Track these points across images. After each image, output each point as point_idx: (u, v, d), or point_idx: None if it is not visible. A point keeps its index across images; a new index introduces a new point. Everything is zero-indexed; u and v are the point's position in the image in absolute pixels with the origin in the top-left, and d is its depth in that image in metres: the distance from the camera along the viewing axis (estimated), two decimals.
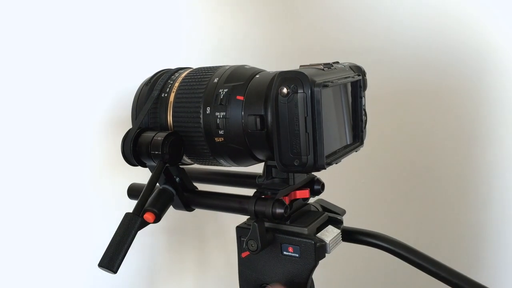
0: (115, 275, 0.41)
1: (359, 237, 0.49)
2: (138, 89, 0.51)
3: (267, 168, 0.45)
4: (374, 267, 1.00)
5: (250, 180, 0.51)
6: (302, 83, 0.37)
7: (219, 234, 0.81)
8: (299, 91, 0.37)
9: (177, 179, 0.50)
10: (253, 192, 0.45)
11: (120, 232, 0.41)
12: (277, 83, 0.38)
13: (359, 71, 0.47)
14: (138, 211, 0.43)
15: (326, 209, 0.50)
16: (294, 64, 0.45)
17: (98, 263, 0.41)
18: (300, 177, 0.47)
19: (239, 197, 0.47)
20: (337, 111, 0.43)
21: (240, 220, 0.48)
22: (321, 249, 0.43)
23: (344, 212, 0.51)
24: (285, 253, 0.44)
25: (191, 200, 0.50)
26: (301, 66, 0.43)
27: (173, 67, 0.53)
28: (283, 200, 0.44)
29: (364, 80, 0.47)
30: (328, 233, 0.45)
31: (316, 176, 0.50)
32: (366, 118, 0.48)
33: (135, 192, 0.53)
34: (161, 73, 0.51)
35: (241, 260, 0.47)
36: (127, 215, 0.42)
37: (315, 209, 0.50)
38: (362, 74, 0.47)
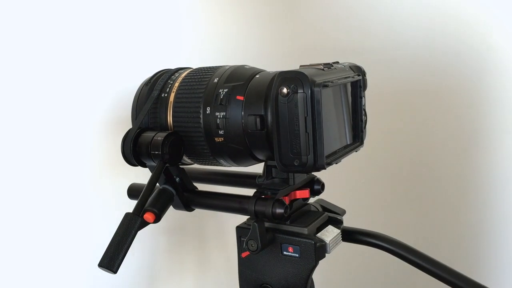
0: (115, 275, 0.41)
1: (359, 237, 0.49)
2: (138, 89, 0.51)
3: (267, 168, 0.45)
4: (374, 267, 1.00)
5: (250, 180, 0.51)
6: (302, 83, 0.37)
7: (219, 234, 0.81)
8: (299, 91, 0.37)
9: (177, 179, 0.50)
10: (253, 192, 0.45)
11: (120, 232, 0.41)
12: (277, 83, 0.38)
13: (359, 71, 0.47)
14: (138, 211, 0.43)
15: (326, 209, 0.50)
16: (294, 64, 0.45)
17: (98, 263, 0.41)
18: (300, 177, 0.47)
19: (239, 197, 0.47)
20: (337, 111, 0.43)
21: (240, 220, 0.48)
22: (321, 249, 0.43)
23: (344, 212, 0.51)
24: (285, 253, 0.44)
25: (191, 200, 0.50)
26: (301, 66, 0.43)
27: (173, 67, 0.53)
28: (283, 200, 0.44)
29: (364, 80, 0.47)
30: (328, 233, 0.45)
31: (316, 176, 0.50)
32: (366, 118, 0.48)
33: (135, 192, 0.53)
34: (161, 73, 0.51)
35: (241, 260, 0.47)
36: (127, 215, 0.42)
37: (315, 209, 0.50)
38: (362, 74, 0.47)
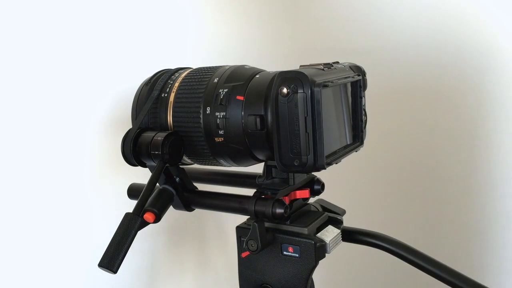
0: (115, 275, 0.41)
1: (359, 237, 0.49)
2: (138, 89, 0.51)
3: (267, 168, 0.45)
4: (374, 267, 1.00)
5: (250, 180, 0.51)
6: (302, 83, 0.37)
7: (219, 234, 0.81)
8: (299, 91, 0.37)
9: (177, 179, 0.50)
10: (253, 192, 0.45)
11: (120, 232, 0.41)
12: (277, 83, 0.38)
13: (359, 71, 0.47)
14: (138, 211, 0.43)
15: (326, 209, 0.50)
16: (294, 64, 0.45)
17: (98, 263, 0.41)
18: (300, 177, 0.47)
19: (239, 197, 0.47)
20: (337, 111, 0.43)
21: (240, 220, 0.48)
22: (321, 249, 0.43)
23: (344, 212, 0.51)
24: (285, 253, 0.44)
25: (191, 200, 0.50)
26: (301, 66, 0.43)
27: (173, 67, 0.53)
28: (283, 200, 0.44)
29: (364, 80, 0.47)
30: (328, 233, 0.45)
31: (316, 176, 0.50)
32: (366, 118, 0.48)
33: (135, 192, 0.53)
34: (161, 73, 0.51)
35: (241, 260, 0.47)
36: (127, 215, 0.42)
37: (315, 209, 0.50)
38: (362, 74, 0.47)
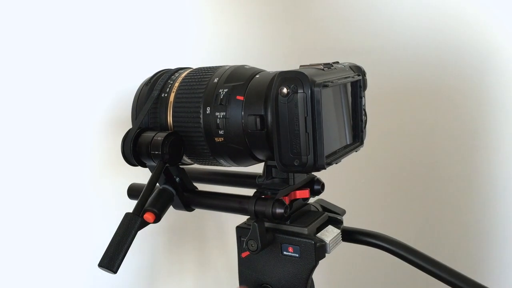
0: (115, 275, 0.41)
1: (359, 237, 0.49)
2: (138, 89, 0.51)
3: (267, 168, 0.45)
4: (374, 267, 1.00)
5: (250, 180, 0.51)
6: (302, 83, 0.37)
7: (219, 234, 0.81)
8: (299, 91, 0.37)
9: (177, 179, 0.50)
10: (253, 192, 0.45)
11: (120, 232, 0.41)
12: (277, 83, 0.38)
13: (359, 71, 0.47)
14: (138, 211, 0.43)
15: (326, 209, 0.50)
16: (294, 64, 0.45)
17: (98, 263, 0.41)
18: (300, 177, 0.47)
19: (239, 197, 0.47)
20: (337, 111, 0.43)
21: (240, 220, 0.48)
22: (321, 249, 0.43)
23: (344, 212, 0.51)
24: (285, 253, 0.44)
25: (191, 200, 0.50)
26: (301, 66, 0.43)
27: (173, 67, 0.53)
28: (283, 200, 0.44)
29: (364, 80, 0.47)
30: (328, 233, 0.45)
31: (316, 176, 0.50)
32: (366, 118, 0.48)
33: (135, 192, 0.53)
34: (161, 73, 0.51)
35: (241, 260, 0.47)
36: (127, 215, 0.42)
37: (315, 209, 0.50)
38: (362, 74, 0.47)
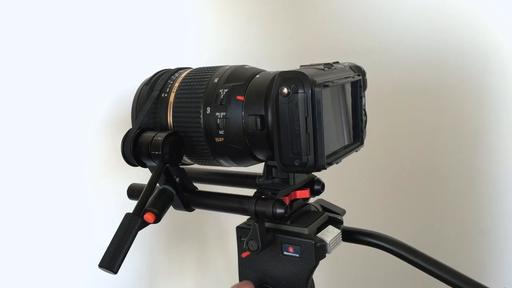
0: (115, 275, 0.41)
1: (359, 237, 0.49)
2: (138, 89, 0.51)
3: (267, 168, 0.45)
4: (374, 267, 1.00)
5: (250, 180, 0.51)
6: (302, 83, 0.37)
7: (219, 234, 0.81)
8: (299, 91, 0.37)
9: (177, 179, 0.50)
10: (253, 192, 0.45)
11: (120, 232, 0.41)
12: (277, 83, 0.38)
13: (359, 71, 0.47)
14: (138, 211, 0.43)
15: (326, 209, 0.50)
16: (294, 64, 0.45)
17: (98, 264, 0.41)
18: (300, 177, 0.47)
19: (239, 197, 0.47)
20: (337, 111, 0.43)
21: (240, 220, 0.48)
22: (321, 249, 0.43)
23: (344, 212, 0.51)
24: (285, 253, 0.44)
25: (191, 200, 0.50)
26: (301, 66, 0.43)
27: (172, 67, 0.53)
28: (283, 200, 0.44)
29: (364, 80, 0.47)
30: (328, 233, 0.45)
31: (316, 176, 0.50)
32: (366, 118, 0.48)
33: (135, 192, 0.53)
34: (161, 73, 0.51)
35: (241, 260, 0.47)
36: (127, 216, 0.42)
37: (315, 209, 0.50)
38: (362, 74, 0.47)
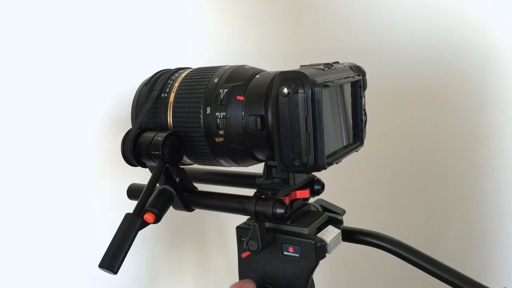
0: (115, 275, 0.41)
1: (359, 237, 0.49)
2: (137, 89, 0.51)
3: (267, 168, 0.45)
4: (374, 267, 1.00)
5: (250, 180, 0.51)
6: (302, 83, 0.37)
7: (219, 234, 0.81)
8: (299, 91, 0.37)
9: (177, 179, 0.50)
10: (253, 192, 0.45)
11: (120, 232, 0.41)
12: (277, 83, 0.38)
13: (359, 71, 0.47)
14: (138, 211, 0.43)
15: (326, 209, 0.50)
16: (294, 64, 0.45)
17: (98, 264, 0.41)
18: (300, 177, 0.47)
19: (239, 197, 0.47)
20: (337, 111, 0.43)
21: (240, 220, 0.48)
22: (321, 249, 0.43)
23: (344, 212, 0.51)
24: (285, 253, 0.44)
25: (191, 200, 0.50)
26: (301, 66, 0.43)
27: (172, 67, 0.53)
28: (284, 200, 0.44)
29: (364, 80, 0.47)
30: (328, 233, 0.45)
31: (316, 176, 0.50)
32: (366, 118, 0.48)
33: (135, 192, 0.53)
34: (161, 73, 0.51)
35: (241, 260, 0.47)
36: (127, 216, 0.42)
37: (315, 209, 0.50)
38: (362, 74, 0.47)
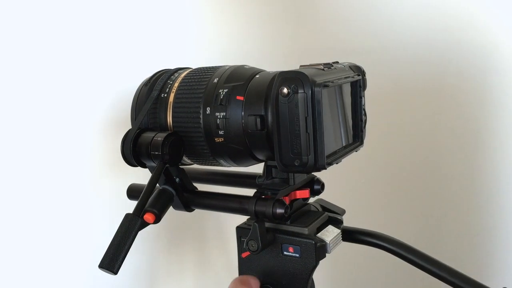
0: (115, 275, 0.41)
1: (359, 237, 0.49)
2: (137, 89, 0.51)
3: (267, 168, 0.45)
4: (374, 267, 1.00)
5: (250, 180, 0.50)
6: (302, 83, 0.37)
7: (219, 234, 0.81)
8: (299, 91, 0.37)
9: (177, 179, 0.50)
10: (253, 192, 0.45)
11: (120, 233, 0.41)
12: (277, 83, 0.38)
13: (359, 71, 0.47)
14: (138, 211, 0.43)
15: (326, 209, 0.50)
16: (294, 64, 0.45)
17: (98, 264, 0.41)
18: (300, 177, 0.47)
19: (239, 197, 0.47)
20: (337, 111, 0.43)
21: (240, 220, 0.48)
22: (321, 249, 0.43)
23: (344, 212, 0.51)
24: (285, 253, 0.44)
25: (191, 200, 0.50)
26: (301, 66, 0.42)
27: (172, 67, 0.53)
28: (283, 200, 0.44)
29: (364, 80, 0.47)
30: (328, 233, 0.45)
31: (316, 176, 0.50)
32: (366, 118, 0.48)
33: (135, 192, 0.53)
34: (161, 73, 0.51)
35: (241, 260, 0.47)
36: (127, 216, 0.42)
37: (315, 209, 0.50)
38: (362, 74, 0.47)
